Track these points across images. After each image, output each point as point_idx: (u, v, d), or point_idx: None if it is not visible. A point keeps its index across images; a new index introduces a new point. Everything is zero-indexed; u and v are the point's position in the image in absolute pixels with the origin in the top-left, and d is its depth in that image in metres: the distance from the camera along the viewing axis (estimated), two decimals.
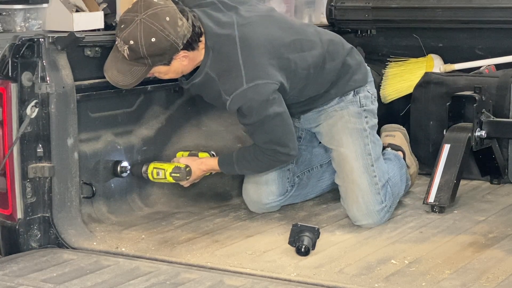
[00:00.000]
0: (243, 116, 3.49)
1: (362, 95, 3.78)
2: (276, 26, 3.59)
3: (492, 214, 3.86)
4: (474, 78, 4.51)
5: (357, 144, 3.70)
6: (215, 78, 3.48)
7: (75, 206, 3.46)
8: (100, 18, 6.34)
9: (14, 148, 3.31)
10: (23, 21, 6.29)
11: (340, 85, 3.74)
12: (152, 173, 3.72)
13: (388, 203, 3.72)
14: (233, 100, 3.43)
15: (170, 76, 3.52)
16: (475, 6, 4.64)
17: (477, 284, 2.93)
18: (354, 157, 3.69)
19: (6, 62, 3.30)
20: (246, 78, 3.42)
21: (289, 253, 3.29)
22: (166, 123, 4.01)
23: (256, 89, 3.42)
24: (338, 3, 5.01)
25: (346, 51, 3.76)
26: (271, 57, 3.48)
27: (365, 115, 3.77)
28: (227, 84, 3.45)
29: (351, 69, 3.76)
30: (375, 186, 3.68)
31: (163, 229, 3.64)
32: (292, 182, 3.88)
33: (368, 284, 2.96)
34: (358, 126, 3.73)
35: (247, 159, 3.64)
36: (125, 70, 3.38)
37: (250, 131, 3.60)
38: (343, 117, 3.74)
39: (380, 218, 3.68)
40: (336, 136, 3.74)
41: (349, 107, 3.74)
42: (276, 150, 3.55)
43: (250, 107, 3.44)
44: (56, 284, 2.93)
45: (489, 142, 4.25)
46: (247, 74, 3.42)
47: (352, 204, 3.67)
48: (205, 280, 2.96)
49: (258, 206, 3.86)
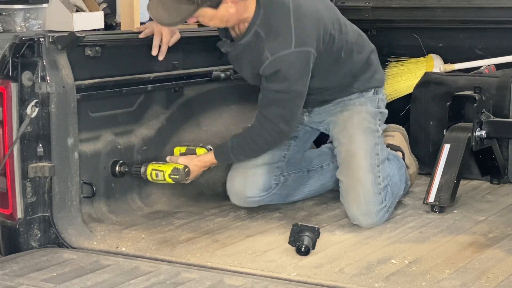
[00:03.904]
0: (275, 81, 3.47)
1: (381, 97, 3.84)
2: (322, 3, 3.65)
3: (492, 214, 3.87)
4: (474, 78, 4.51)
5: (368, 143, 3.71)
6: (264, 36, 3.47)
7: (75, 205, 3.47)
8: (100, 18, 6.34)
9: (14, 148, 3.31)
10: (23, 21, 6.29)
11: (363, 80, 3.78)
12: (151, 175, 3.71)
13: (388, 203, 3.72)
14: (276, 60, 3.43)
15: (214, 23, 3.50)
16: (475, 6, 4.64)
17: (477, 284, 2.93)
18: (363, 156, 3.69)
19: (6, 61, 3.30)
20: (296, 42, 3.43)
21: (289, 252, 3.29)
22: (166, 123, 4.01)
23: (301, 55, 3.45)
24: (338, 3, 5.00)
25: (371, 48, 3.85)
26: (319, 29, 3.52)
27: (380, 117, 3.82)
28: (274, 43, 3.44)
29: (374, 66, 3.83)
30: (377, 186, 3.68)
31: (163, 229, 3.64)
32: (278, 179, 3.86)
33: (368, 284, 2.96)
34: (372, 126, 3.75)
35: (242, 144, 3.63)
36: (171, 7, 3.34)
37: (268, 99, 3.55)
38: (361, 113, 3.76)
39: (379, 218, 3.67)
40: (349, 130, 3.74)
41: (368, 104, 3.78)
42: (278, 128, 3.54)
43: (287, 73, 3.44)
44: (56, 283, 2.93)
45: (489, 142, 4.25)
46: (297, 38, 3.43)
47: (353, 202, 3.67)
48: (205, 280, 2.96)
49: (240, 198, 3.83)
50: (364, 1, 4.93)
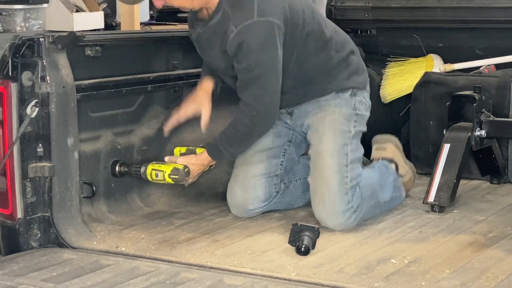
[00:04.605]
0: (242, 57, 3.44)
1: (358, 99, 3.76)
2: None
3: (492, 214, 3.87)
4: (474, 78, 4.51)
5: (337, 142, 3.66)
6: (229, 12, 3.45)
7: (75, 205, 3.47)
8: (100, 18, 6.34)
9: (14, 148, 3.31)
10: (23, 21, 6.30)
11: (339, 80, 3.72)
12: (151, 175, 3.70)
13: (354, 204, 3.62)
14: (239, 32, 3.41)
15: (180, 4, 3.49)
16: (475, 6, 4.65)
17: (477, 283, 2.94)
18: (330, 155, 3.64)
19: (6, 61, 3.30)
20: (258, 12, 3.41)
21: (289, 252, 3.29)
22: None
23: (264, 25, 3.42)
24: (338, 3, 5.01)
25: (352, 49, 3.79)
26: (283, 2, 3.50)
27: (355, 119, 3.74)
28: (236, 16, 3.43)
29: (353, 67, 3.76)
30: (344, 186, 3.61)
31: (163, 229, 3.64)
32: (278, 187, 3.84)
33: (368, 283, 2.96)
34: (344, 127, 3.69)
35: (228, 135, 3.60)
36: None
37: (242, 82, 3.51)
38: (334, 114, 3.70)
39: (345, 219, 3.59)
40: (320, 131, 3.70)
41: (343, 106, 3.72)
42: (255, 110, 3.50)
43: (252, 44, 3.41)
44: (56, 283, 2.93)
45: (489, 141, 4.25)
46: (259, 8, 3.42)
47: (319, 202, 3.62)
48: (205, 280, 2.96)
49: (241, 211, 3.82)
50: (364, 1, 4.93)
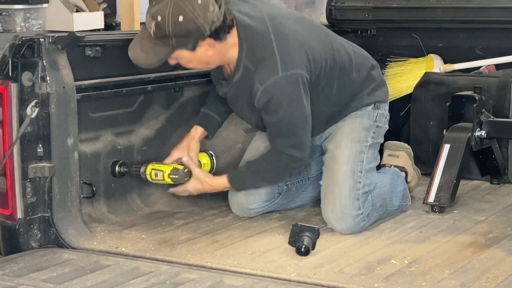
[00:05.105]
0: (271, 112, 3.44)
1: (380, 112, 3.77)
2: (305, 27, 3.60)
3: (492, 214, 3.87)
4: (474, 78, 4.51)
5: (354, 149, 3.66)
6: (252, 68, 3.44)
7: (75, 206, 3.47)
8: (100, 18, 6.35)
9: (14, 148, 3.31)
10: (23, 21, 6.30)
11: (362, 97, 3.72)
12: (151, 174, 3.70)
13: (365, 211, 3.62)
14: (265, 89, 3.39)
15: (194, 66, 3.48)
16: (475, 6, 4.64)
17: (477, 284, 2.94)
18: (345, 161, 3.64)
19: (6, 62, 3.30)
20: (282, 66, 3.39)
21: (289, 253, 3.29)
22: (166, 123, 4.01)
23: (289, 78, 3.40)
24: (338, 3, 5.01)
25: (371, 64, 3.79)
26: (305, 51, 3.48)
27: (374, 130, 3.75)
28: (262, 72, 3.41)
29: (375, 82, 3.77)
30: (356, 191, 3.61)
31: (163, 229, 3.64)
32: (281, 189, 3.84)
33: (368, 284, 2.96)
34: (362, 137, 3.70)
35: (260, 171, 3.63)
36: (149, 48, 3.33)
37: (274, 133, 3.54)
38: (354, 123, 3.70)
39: (354, 224, 3.58)
40: (337, 138, 3.70)
41: (364, 117, 3.72)
42: (293, 156, 3.53)
43: (280, 99, 3.40)
44: (56, 284, 2.93)
45: (489, 142, 4.25)
46: (282, 63, 3.40)
47: (329, 204, 3.62)
48: (205, 280, 2.96)
49: (242, 210, 3.82)
50: (364, 1, 4.93)
